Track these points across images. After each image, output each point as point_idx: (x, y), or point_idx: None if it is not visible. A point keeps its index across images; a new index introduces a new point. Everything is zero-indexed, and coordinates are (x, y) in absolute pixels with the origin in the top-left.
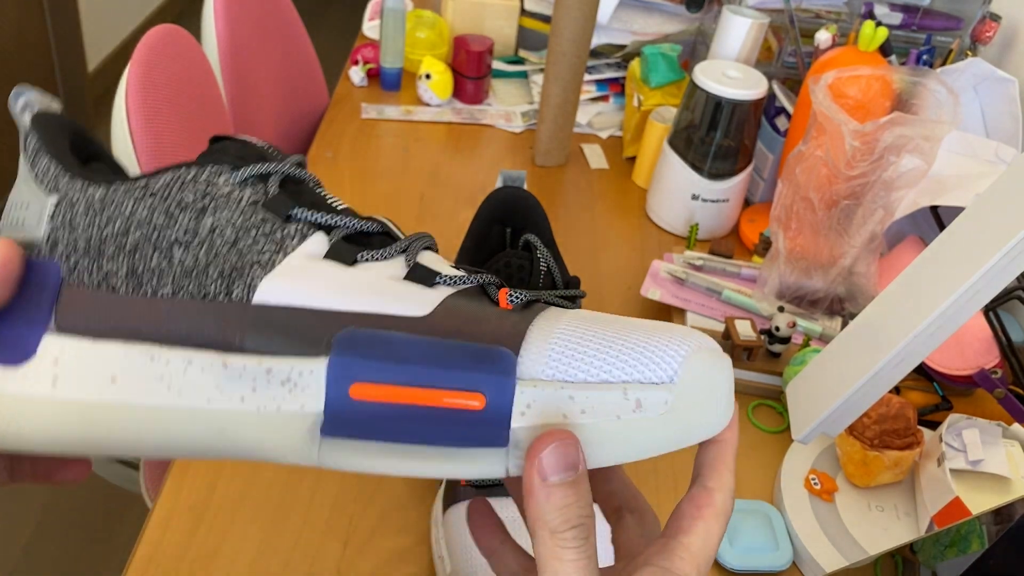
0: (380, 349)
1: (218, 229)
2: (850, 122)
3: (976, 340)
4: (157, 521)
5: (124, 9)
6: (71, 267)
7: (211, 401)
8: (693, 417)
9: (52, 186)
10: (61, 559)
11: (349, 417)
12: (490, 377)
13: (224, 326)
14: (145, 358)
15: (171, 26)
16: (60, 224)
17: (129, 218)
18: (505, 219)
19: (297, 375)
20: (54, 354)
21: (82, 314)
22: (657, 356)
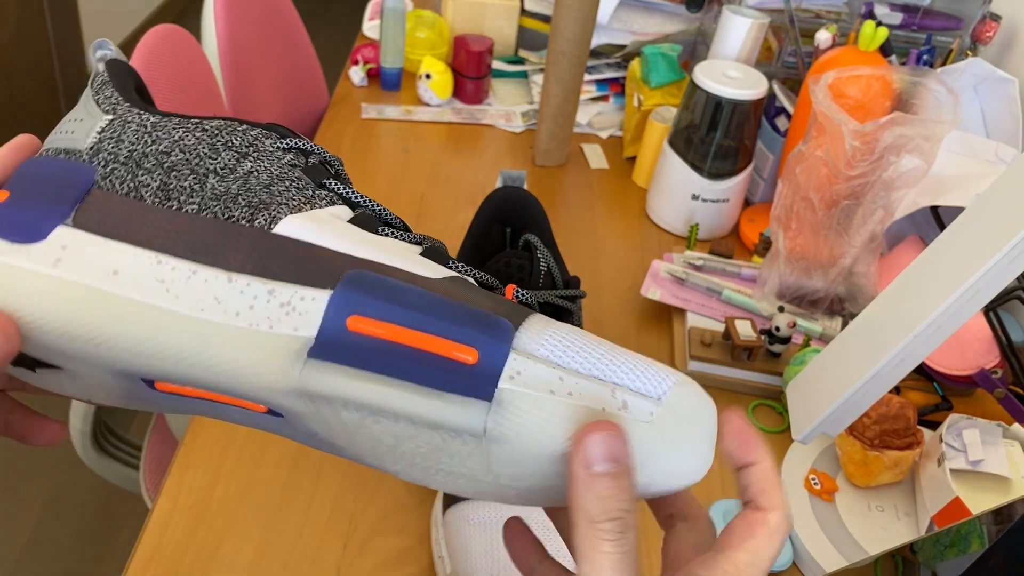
0: (387, 292)
1: (255, 172)
2: (850, 122)
3: (976, 340)
4: (157, 521)
5: (124, 9)
6: (105, 173)
7: (205, 311)
8: (674, 443)
9: (109, 109)
10: (61, 559)
11: (341, 345)
12: (487, 338)
13: (238, 246)
14: (152, 260)
15: (171, 26)
16: (108, 136)
17: (176, 142)
18: (505, 219)
19: (298, 300)
20: (63, 242)
21: (102, 216)
22: (650, 374)
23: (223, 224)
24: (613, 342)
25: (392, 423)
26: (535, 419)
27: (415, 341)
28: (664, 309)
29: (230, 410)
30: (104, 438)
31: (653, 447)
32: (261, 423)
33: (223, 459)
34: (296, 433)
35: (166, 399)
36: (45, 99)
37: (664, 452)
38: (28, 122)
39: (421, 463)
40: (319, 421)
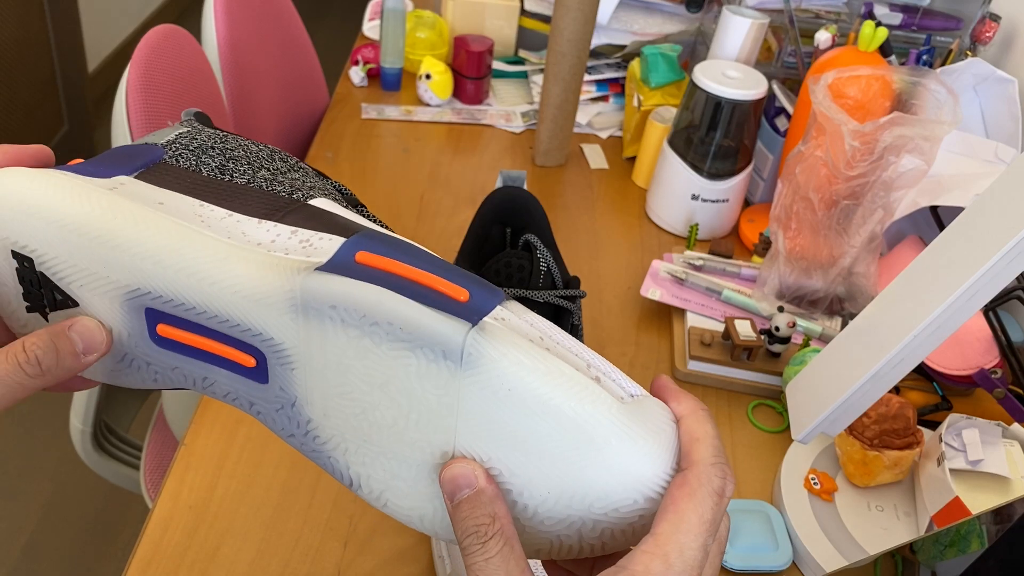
0: (397, 243)
1: (300, 180)
2: (850, 122)
3: (976, 340)
4: (157, 521)
5: (124, 9)
6: (173, 154)
7: (232, 238)
8: (636, 436)
9: (189, 125)
10: (61, 559)
11: (346, 268)
12: (480, 289)
13: (275, 207)
14: (195, 203)
15: (171, 26)
16: (185, 135)
17: (241, 145)
18: (505, 219)
19: (317, 239)
20: (121, 181)
21: (161, 176)
22: (623, 376)
23: (265, 192)
24: (613, 342)
25: (375, 348)
26: (513, 354)
27: (415, 276)
28: (664, 309)
29: (220, 374)
30: (104, 438)
31: (618, 428)
32: (244, 392)
33: (223, 459)
34: (275, 408)
35: (162, 356)
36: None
37: (626, 439)
38: (28, 122)
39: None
40: (304, 366)
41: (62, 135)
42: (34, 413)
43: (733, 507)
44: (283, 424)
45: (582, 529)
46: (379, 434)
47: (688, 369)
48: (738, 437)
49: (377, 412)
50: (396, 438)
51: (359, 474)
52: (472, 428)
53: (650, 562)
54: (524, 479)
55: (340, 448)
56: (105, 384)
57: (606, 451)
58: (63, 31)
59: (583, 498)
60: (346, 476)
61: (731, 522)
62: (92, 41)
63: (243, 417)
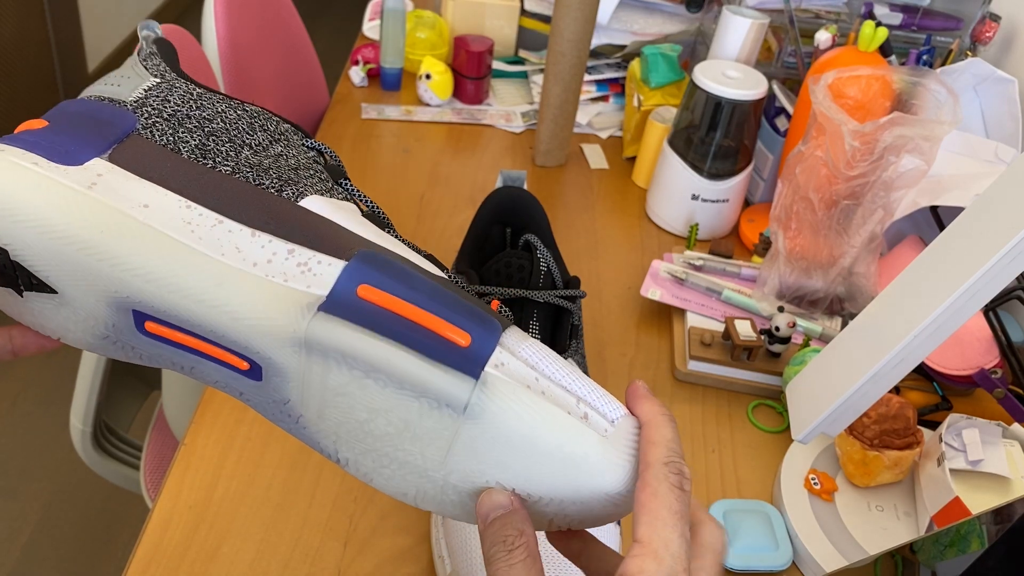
0: (397, 272)
1: (284, 156)
2: (850, 122)
3: (976, 340)
4: (157, 521)
5: (124, 9)
6: (147, 124)
7: (225, 256)
8: (614, 462)
9: (157, 73)
10: (61, 559)
11: (350, 306)
12: (480, 328)
13: (266, 210)
14: (181, 204)
15: (171, 26)
16: (154, 95)
17: (218, 112)
18: (505, 219)
19: (316, 263)
20: (99, 171)
21: (139, 157)
22: (605, 399)
23: (254, 188)
24: (613, 342)
25: (378, 389)
26: (511, 405)
27: (417, 317)
28: (664, 309)
29: (209, 366)
30: (104, 438)
31: (600, 460)
32: (233, 384)
33: (223, 459)
34: (265, 401)
35: (149, 345)
36: (45, 99)
37: (605, 466)
38: None
39: (380, 448)
40: (301, 384)
41: None
42: (34, 413)
43: (733, 507)
44: (273, 413)
45: (553, 519)
46: (373, 439)
47: (688, 369)
48: (738, 437)
49: (373, 425)
50: (390, 445)
51: (348, 458)
52: (467, 454)
53: (643, 563)
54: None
55: (330, 439)
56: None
57: (591, 479)
58: (63, 31)
59: (560, 502)
60: (333, 456)
61: (731, 522)
62: (92, 41)
63: (243, 417)
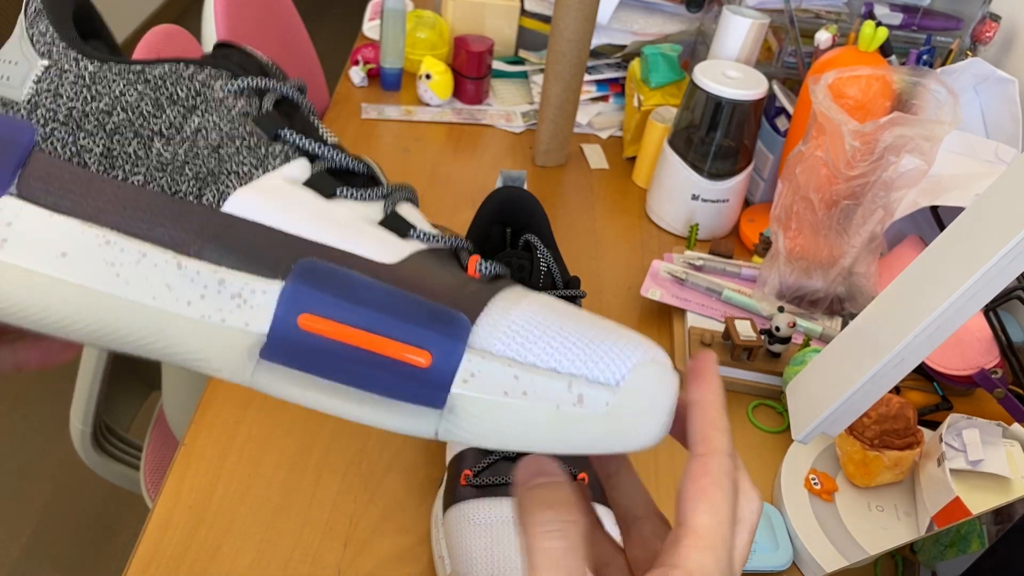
0: (338, 286)
1: (203, 131)
2: (850, 122)
3: (976, 340)
4: (157, 521)
5: (124, 9)
6: (46, 134)
7: (156, 299)
8: (629, 426)
9: (45, 51)
10: (61, 559)
11: (291, 345)
12: (441, 338)
13: (187, 227)
14: (100, 240)
15: (171, 26)
16: (45, 89)
17: (117, 99)
18: (505, 219)
19: (249, 292)
20: (8, 217)
21: (47, 183)
22: (609, 357)
23: (170, 200)
24: None
25: (346, 418)
26: (488, 423)
27: (367, 343)
28: (664, 309)
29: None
30: (104, 438)
31: (604, 436)
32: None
33: (223, 459)
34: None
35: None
36: None
37: (614, 438)
38: None
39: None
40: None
41: None
42: (34, 413)
43: None
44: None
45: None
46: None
47: None
48: (738, 437)
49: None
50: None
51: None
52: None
53: (702, 558)
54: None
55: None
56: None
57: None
58: None
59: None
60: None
61: None
62: None
63: (243, 417)
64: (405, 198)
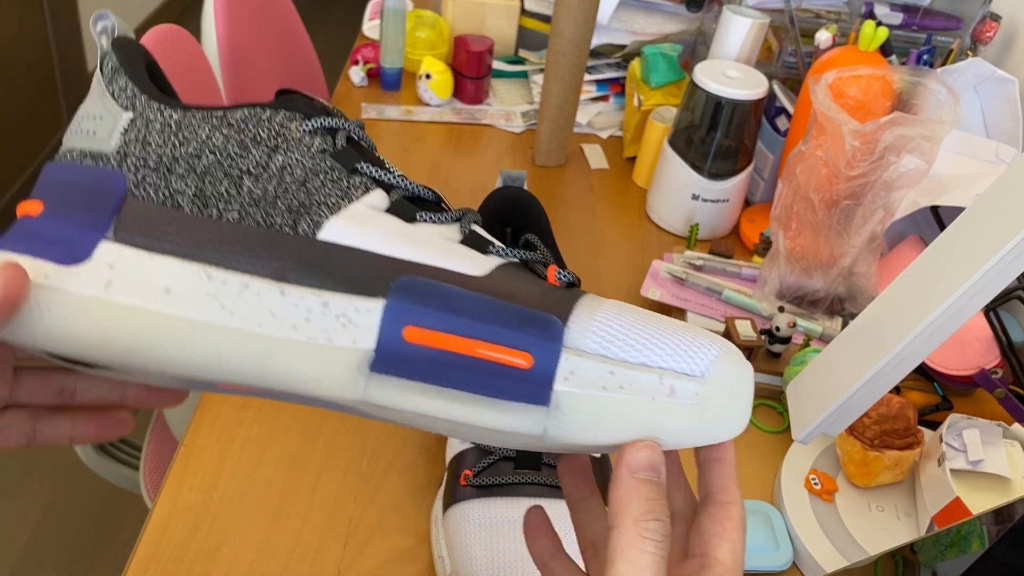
0: (438, 299)
1: (288, 167)
2: (850, 122)
3: (976, 340)
4: (157, 521)
5: (124, 9)
6: (138, 180)
7: (263, 326)
8: (718, 415)
9: (128, 104)
10: (61, 559)
11: (399, 357)
12: (539, 340)
13: (286, 256)
14: (201, 275)
15: (171, 26)
16: (133, 139)
17: (204, 143)
18: (505, 219)
19: (353, 311)
20: (109, 260)
21: (142, 227)
22: (692, 351)
23: (267, 232)
24: None
25: (454, 426)
26: (590, 417)
27: (471, 349)
28: (664, 309)
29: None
30: None
31: (698, 424)
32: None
33: (223, 459)
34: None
35: (229, 390)
36: (45, 99)
37: (706, 427)
38: (28, 122)
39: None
40: (382, 415)
41: (62, 135)
42: None
43: None
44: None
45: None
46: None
47: None
48: (738, 437)
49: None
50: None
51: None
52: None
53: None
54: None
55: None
56: None
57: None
58: (63, 31)
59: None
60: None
61: None
62: (92, 41)
63: (243, 417)
64: (474, 220)
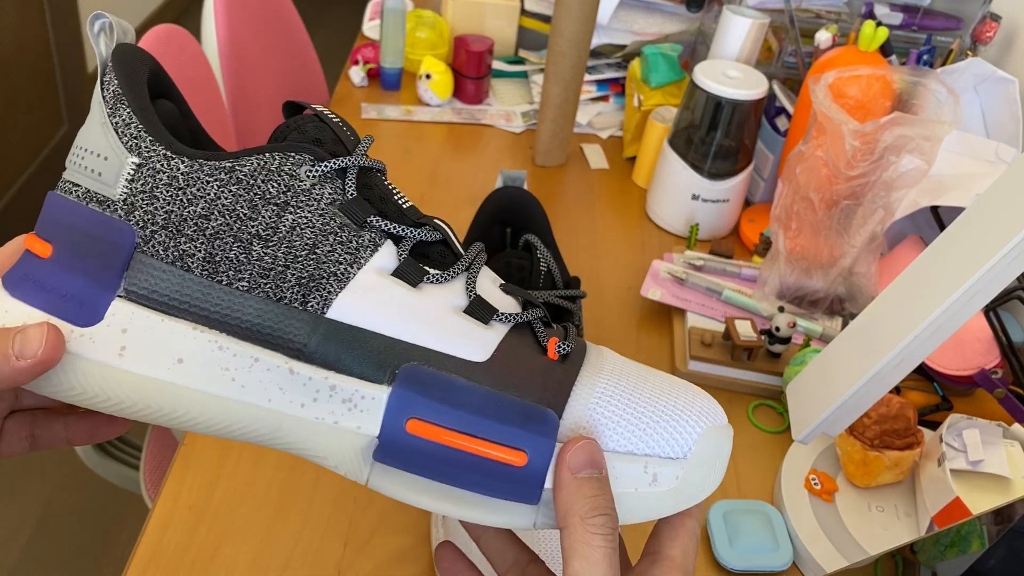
0: (440, 391)
1: (298, 228)
2: (850, 122)
3: (976, 340)
4: (157, 521)
5: (124, 9)
6: (146, 237)
7: (272, 401)
8: (694, 488)
9: (133, 145)
10: (61, 559)
11: (401, 449)
12: (534, 437)
13: (296, 332)
14: (213, 346)
15: (171, 26)
16: (140, 189)
17: (213, 203)
18: (505, 219)
19: (359, 398)
20: (122, 323)
21: (153, 285)
22: (677, 432)
23: (276, 306)
24: (613, 342)
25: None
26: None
27: (469, 445)
28: (664, 309)
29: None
30: None
31: (674, 503)
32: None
33: (223, 459)
34: None
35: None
36: (45, 99)
37: (682, 502)
38: (28, 122)
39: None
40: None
41: (62, 135)
42: None
43: (734, 507)
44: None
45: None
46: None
47: (688, 369)
48: (738, 437)
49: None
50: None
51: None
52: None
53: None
54: None
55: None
56: None
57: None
58: (63, 31)
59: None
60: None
61: (732, 522)
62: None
63: None
64: (479, 265)
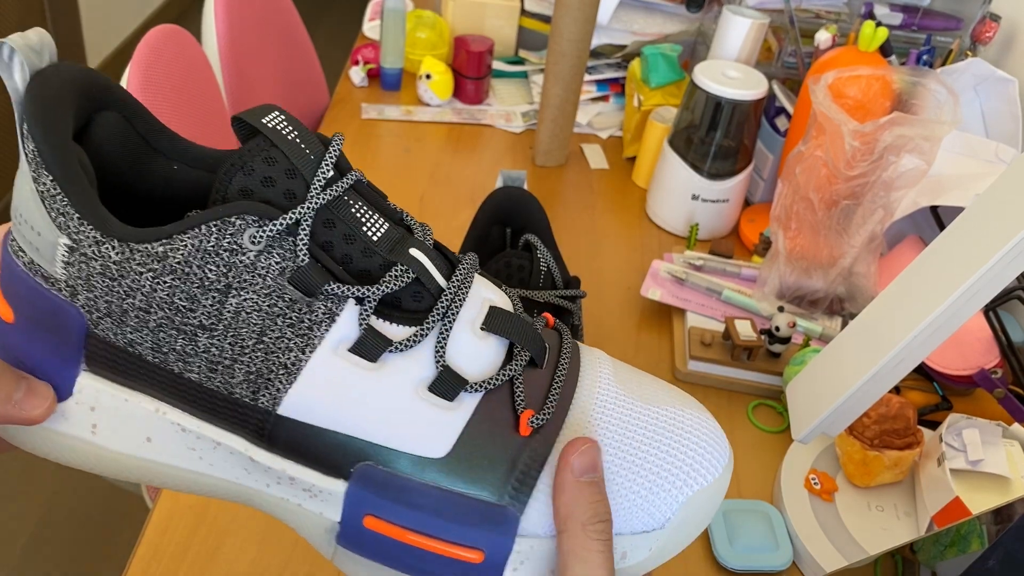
0: (394, 492)
1: (243, 314)
2: (850, 122)
3: (976, 340)
4: (157, 521)
5: (124, 9)
6: (94, 322)
7: (239, 479)
8: (666, 554)
9: (62, 223)
10: (61, 559)
11: (362, 539)
12: (492, 536)
13: (249, 426)
14: (176, 428)
15: (171, 26)
16: (77, 275)
17: (150, 295)
18: (505, 219)
19: (318, 489)
20: (90, 401)
21: (112, 364)
22: (655, 504)
23: (228, 400)
24: (613, 342)
25: None
26: None
27: (425, 544)
28: (664, 309)
29: None
30: None
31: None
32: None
33: None
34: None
35: None
36: None
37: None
38: None
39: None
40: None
41: None
42: None
43: (733, 507)
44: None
45: None
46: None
47: (688, 369)
48: (738, 437)
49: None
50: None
51: None
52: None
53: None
54: None
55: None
56: None
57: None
58: (63, 31)
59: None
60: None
61: (731, 522)
62: (92, 41)
63: None
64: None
